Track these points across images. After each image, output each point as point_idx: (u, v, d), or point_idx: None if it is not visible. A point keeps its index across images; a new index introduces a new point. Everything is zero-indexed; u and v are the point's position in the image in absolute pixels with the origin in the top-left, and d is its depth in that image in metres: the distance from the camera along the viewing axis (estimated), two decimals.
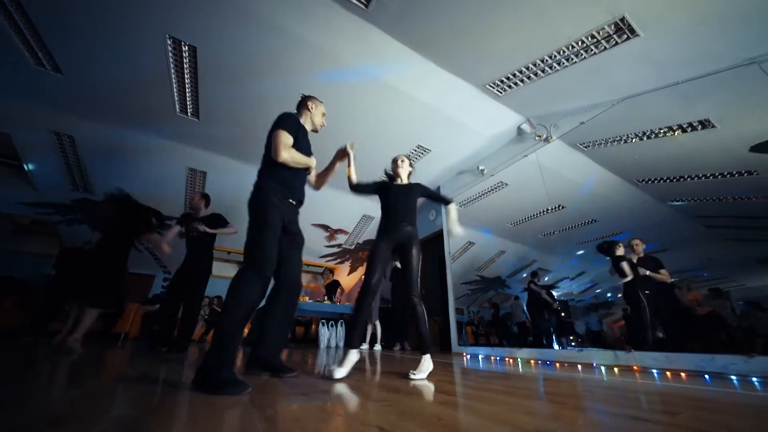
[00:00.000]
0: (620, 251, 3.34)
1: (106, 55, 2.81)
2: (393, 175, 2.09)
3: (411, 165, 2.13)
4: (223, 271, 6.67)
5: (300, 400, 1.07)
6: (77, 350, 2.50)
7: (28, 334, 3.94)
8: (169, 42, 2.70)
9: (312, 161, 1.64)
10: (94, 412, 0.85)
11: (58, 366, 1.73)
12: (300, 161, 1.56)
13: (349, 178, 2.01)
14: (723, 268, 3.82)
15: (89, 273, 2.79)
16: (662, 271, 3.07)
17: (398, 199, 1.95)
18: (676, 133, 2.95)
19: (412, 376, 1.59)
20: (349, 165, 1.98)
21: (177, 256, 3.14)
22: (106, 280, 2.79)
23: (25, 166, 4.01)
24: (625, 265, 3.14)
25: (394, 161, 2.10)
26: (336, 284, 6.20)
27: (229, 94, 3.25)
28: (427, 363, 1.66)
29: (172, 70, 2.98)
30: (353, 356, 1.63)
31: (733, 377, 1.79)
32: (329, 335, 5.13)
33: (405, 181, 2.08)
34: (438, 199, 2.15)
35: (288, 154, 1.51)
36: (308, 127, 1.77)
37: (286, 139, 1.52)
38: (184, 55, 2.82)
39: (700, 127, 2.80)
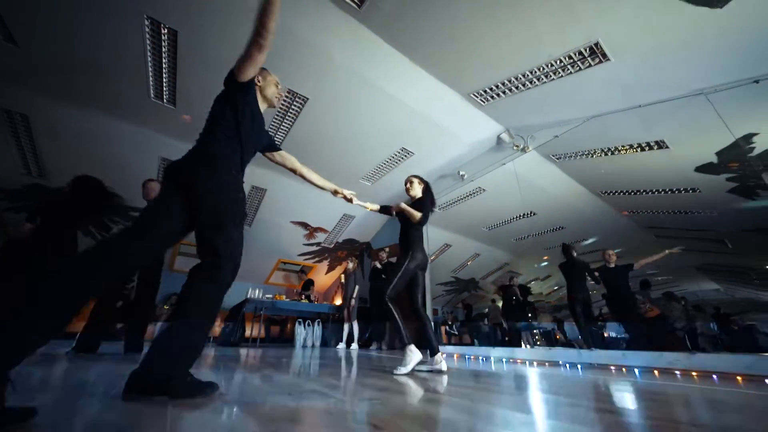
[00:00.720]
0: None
1: (70, 27, 2.56)
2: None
3: (420, 181, 2.31)
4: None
5: (287, 399, 1.07)
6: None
7: None
8: (146, 22, 2.54)
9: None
10: (68, 421, 0.80)
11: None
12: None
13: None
14: (670, 274, 4.25)
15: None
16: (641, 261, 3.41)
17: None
18: (635, 151, 3.25)
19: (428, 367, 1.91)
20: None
21: None
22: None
23: None
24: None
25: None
26: (309, 283, 6.15)
27: (210, 83, 3.09)
28: (439, 359, 1.94)
29: (149, 53, 2.80)
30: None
31: (677, 372, 2.01)
32: (305, 334, 5.06)
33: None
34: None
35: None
36: (261, 105, 1.44)
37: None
38: (162, 38, 2.67)
39: (656, 147, 3.11)
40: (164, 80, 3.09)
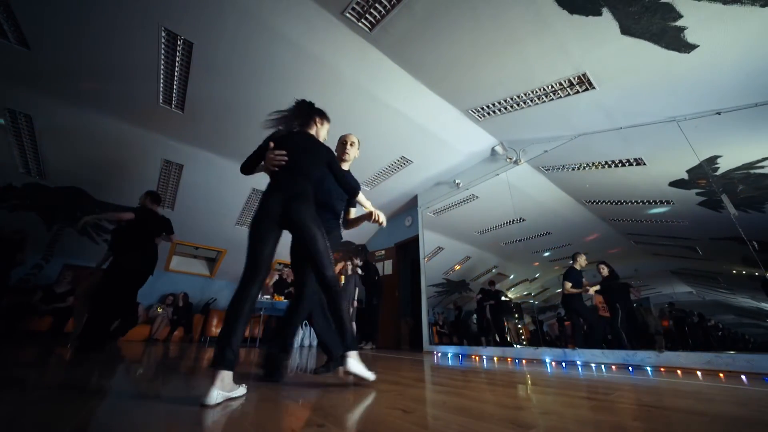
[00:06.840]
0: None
1: (84, 33, 2.61)
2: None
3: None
4: (190, 267, 6.36)
5: (321, 392, 1.24)
6: None
7: None
8: (163, 34, 2.64)
9: None
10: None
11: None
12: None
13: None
14: (647, 279, 4.59)
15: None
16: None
17: None
18: (617, 166, 3.55)
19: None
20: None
21: None
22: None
23: None
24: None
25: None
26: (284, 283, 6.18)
27: (219, 92, 3.21)
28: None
29: (162, 62, 2.89)
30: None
31: (648, 368, 2.28)
32: (302, 335, 5.18)
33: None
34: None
35: None
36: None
37: None
38: (177, 48, 2.76)
39: (635, 163, 3.42)
40: (174, 87, 3.18)
